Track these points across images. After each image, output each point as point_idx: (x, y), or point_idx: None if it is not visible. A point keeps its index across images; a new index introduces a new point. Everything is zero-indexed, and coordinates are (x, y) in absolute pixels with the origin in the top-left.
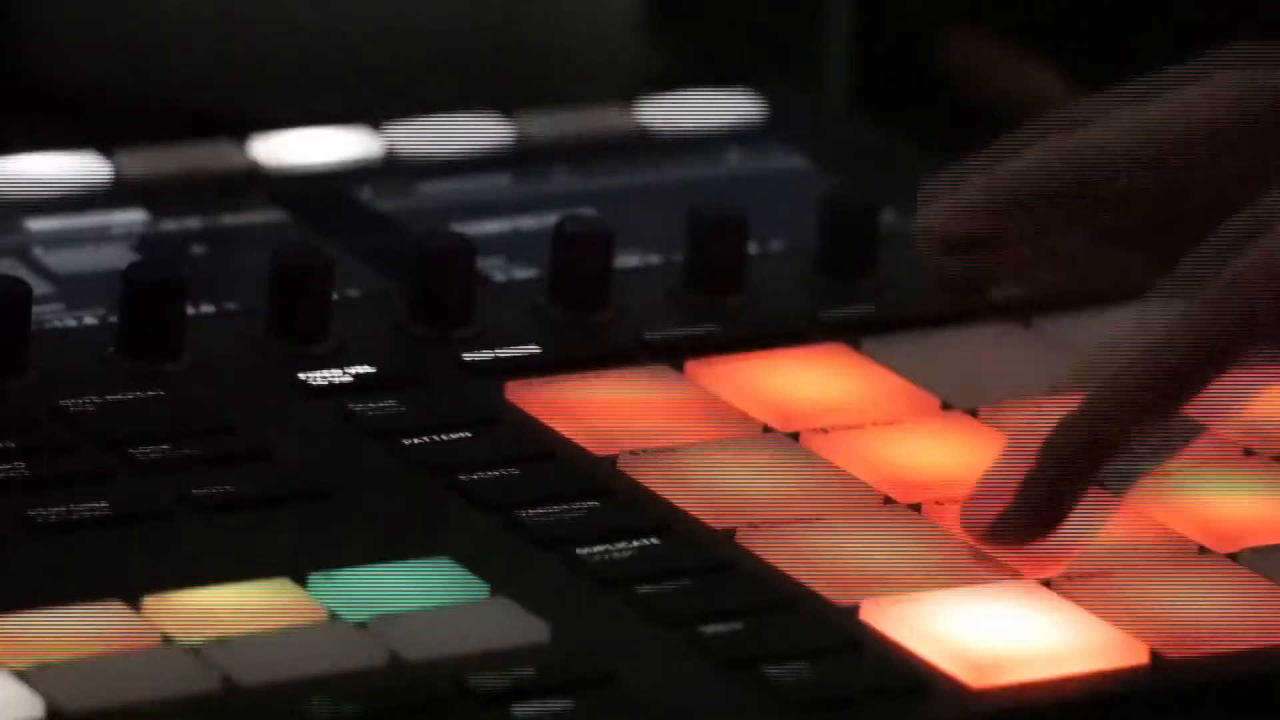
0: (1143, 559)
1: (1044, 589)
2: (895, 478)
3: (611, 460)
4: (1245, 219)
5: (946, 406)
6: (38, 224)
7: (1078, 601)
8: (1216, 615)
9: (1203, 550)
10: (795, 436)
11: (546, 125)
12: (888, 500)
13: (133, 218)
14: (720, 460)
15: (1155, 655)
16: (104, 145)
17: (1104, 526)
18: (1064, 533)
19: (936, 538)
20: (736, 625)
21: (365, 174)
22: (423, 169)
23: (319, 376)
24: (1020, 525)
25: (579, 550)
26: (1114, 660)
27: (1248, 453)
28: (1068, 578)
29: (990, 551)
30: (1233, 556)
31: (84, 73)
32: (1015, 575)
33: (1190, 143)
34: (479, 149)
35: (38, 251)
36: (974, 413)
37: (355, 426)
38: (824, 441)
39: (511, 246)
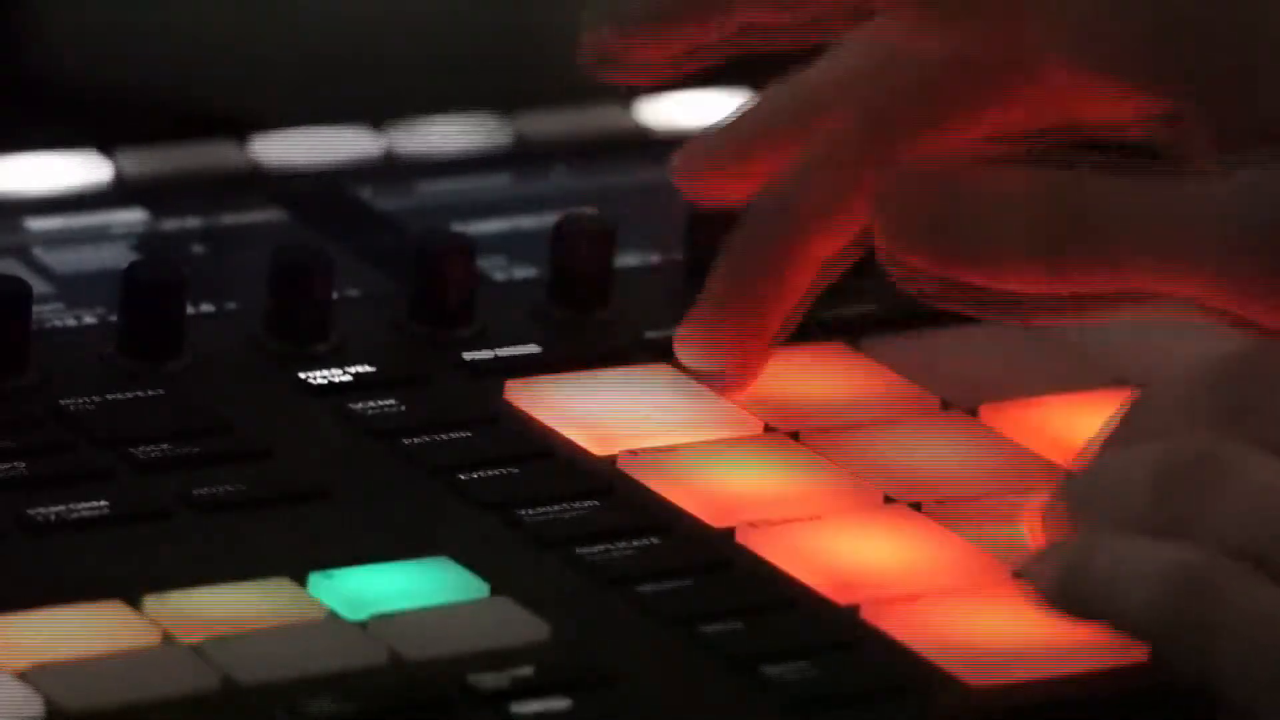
0: None
1: None
2: (896, 477)
3: (611, 460)
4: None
5: (946, 405)
6: (38, 223)
7: None
8: None
9: None
10: (796, 436)
11: (546, 125)
12: (888, 500)
13: (133, 217)
14: (720, 460)
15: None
16: (104, 145)
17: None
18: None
19: (937, 537)
20: (736, 625)
21: (365, 174)
22: (423, 169)
23: (319, 376)
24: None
25: (579, 550)
26: (1114, 659)
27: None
28: None
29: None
30: None
31: (84, 73)
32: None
33: None
34: (479, 149)
35: (38, 251)
36: (974, 412)
37: (355, 426)
38: (824, 441)
39: (511, 246)
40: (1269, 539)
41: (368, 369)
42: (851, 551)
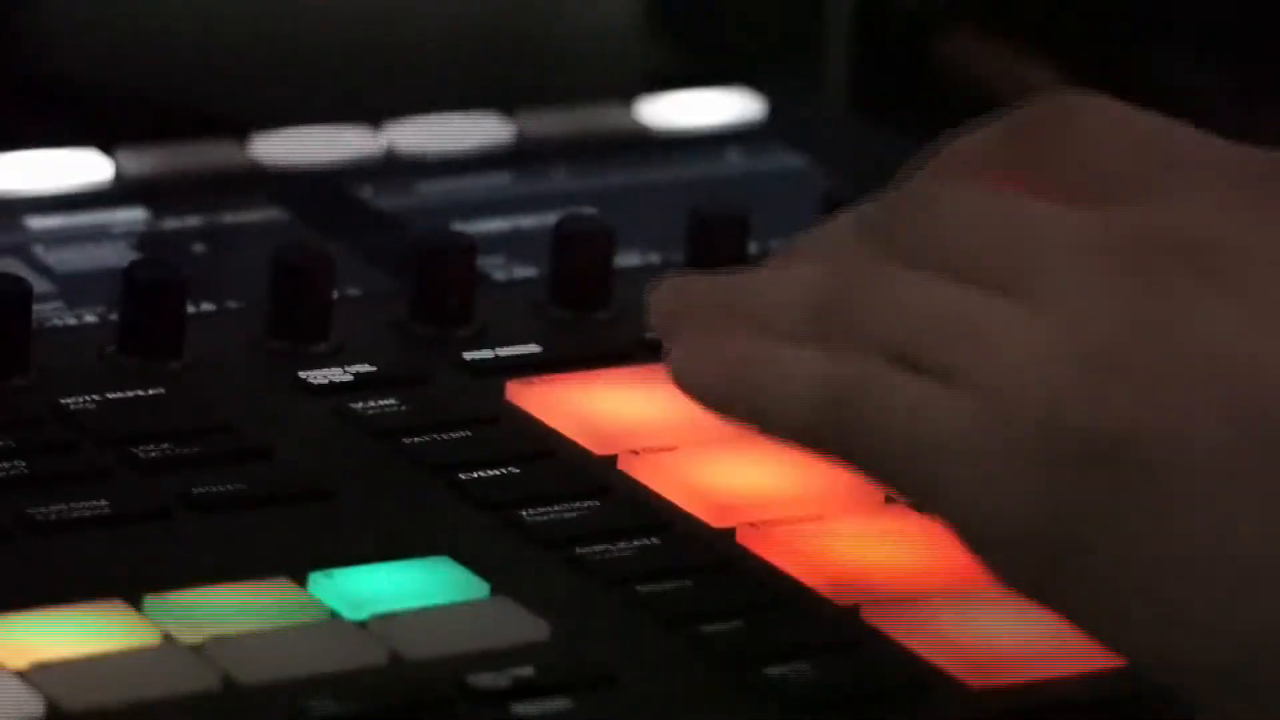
0: None
1: None
2: None
3: (611, 460)
4: None
5: None
6: (38, 222)
7: None
8: None
9: None
10: None
11: (547, 124)
12: (888, 500)
13: (133, 216)
14: (720, 460)
15: None
16: (105, 143)
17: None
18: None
19: (937, 537)
20: (736, 625)
21: (365, 173)
22: (423, 168)
23: (319, 375)
24: None
25: (579, 550)
26: (1115, 660)
27: None
28: None
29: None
30: None
31: (84, 71)
32: None
33: None
34: (479, 148)
35: (38, 249)
36: None
37: (355, 426)
38: None
39: (512, 245)
40: (907, 334)
41: (368, 369)
42: (852, 552)
